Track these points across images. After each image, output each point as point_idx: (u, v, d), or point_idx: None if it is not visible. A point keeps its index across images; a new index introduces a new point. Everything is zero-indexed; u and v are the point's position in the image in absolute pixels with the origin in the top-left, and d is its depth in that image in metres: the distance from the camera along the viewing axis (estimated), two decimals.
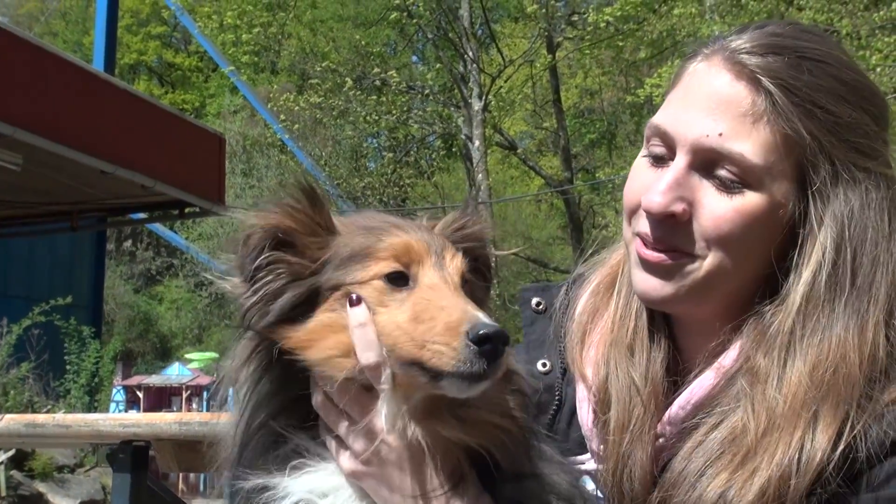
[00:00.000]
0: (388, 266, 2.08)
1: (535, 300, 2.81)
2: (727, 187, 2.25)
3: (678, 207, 2.26)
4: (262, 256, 2.11)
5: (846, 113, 2.26)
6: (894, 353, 2.21)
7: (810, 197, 2.26)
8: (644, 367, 2.42)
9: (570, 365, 2.60)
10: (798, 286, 2.25)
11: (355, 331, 2.06)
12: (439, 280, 2.07)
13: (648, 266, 2.34)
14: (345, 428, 2.13)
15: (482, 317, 1.96)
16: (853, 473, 2.11)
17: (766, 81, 2.24)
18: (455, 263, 2.14)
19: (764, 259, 2.29)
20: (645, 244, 2.35)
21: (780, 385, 2.19)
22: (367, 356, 2.04)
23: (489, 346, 1.91)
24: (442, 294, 2.04)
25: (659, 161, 2.37)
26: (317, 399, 2.16)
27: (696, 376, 2.36)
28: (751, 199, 2.24)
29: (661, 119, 2.37)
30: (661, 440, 2.38)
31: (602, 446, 2.45)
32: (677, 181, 2.27)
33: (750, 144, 2.23)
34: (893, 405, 2.14)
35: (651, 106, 27.50)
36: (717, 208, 2.25)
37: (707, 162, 2.27)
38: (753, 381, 2.23)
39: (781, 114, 2.22)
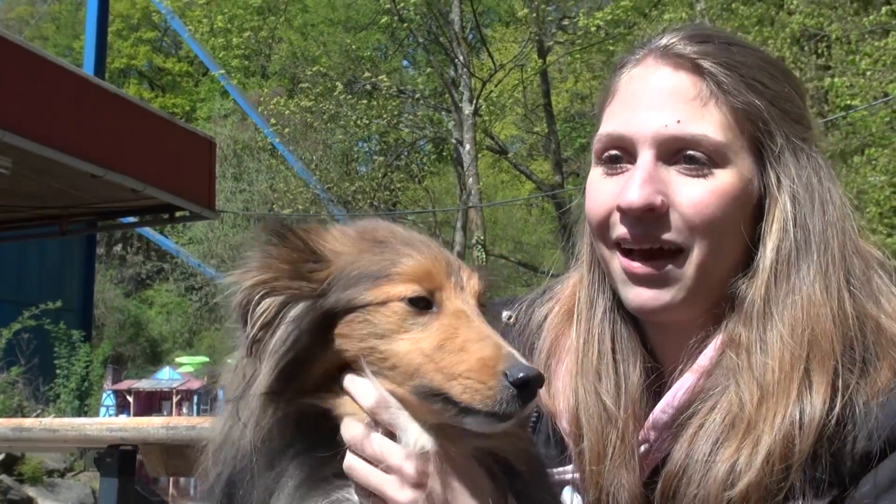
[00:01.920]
0: (410, 289, 2.00)
1: (504, 314, 2.76)
2: (697, 171, 2.28)
3: (657, 199, 2.27)
4: (255, 312, 2.01)
5: (779, 87, 2.35)
6: (863, 311, 2.26)
7: (769, 167, 2.32)
8: (614, 391, 2.40)
9: (538, 401, 2.51)
10: (766, 253, 2.29)
11: (347, 384, 2.03)
12: (463, 306, 2.02)
13: (638, 279, 2.34)
14: (387, 480, 2.02)
15: (517, 355, 1.91)
16: (850, 444, 2.14)
17: (706, 64, 2.31)
18: (472, 284, 2.09)
19: (742, 238, 2.32)
20: (629, 255, 2.35)
21: (766, 351, 2.22)
22: (366, 399, 2.00)
23: (528, 390, 1.88)
24: (469, 323, 1.98)
25: (616, 167, 2.38)
26: (348, 462, 2.04)
27: (676, 379, 2.36)
28: (722, 179, 2.28)
29: (611, 128, 2.39)
30: (644, 446, 2.37)
31: (579, 476, 2.44)
32: (650, 175, 2.29)
33: (708, 124, 2.27)
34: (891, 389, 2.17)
35: None
36: (693, 194, 2.28)
37: (672, 151, 2.30)
38: (739, 354, 2.25)
39: (729, 91, 2.29)
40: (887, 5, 19.47)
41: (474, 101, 31.84)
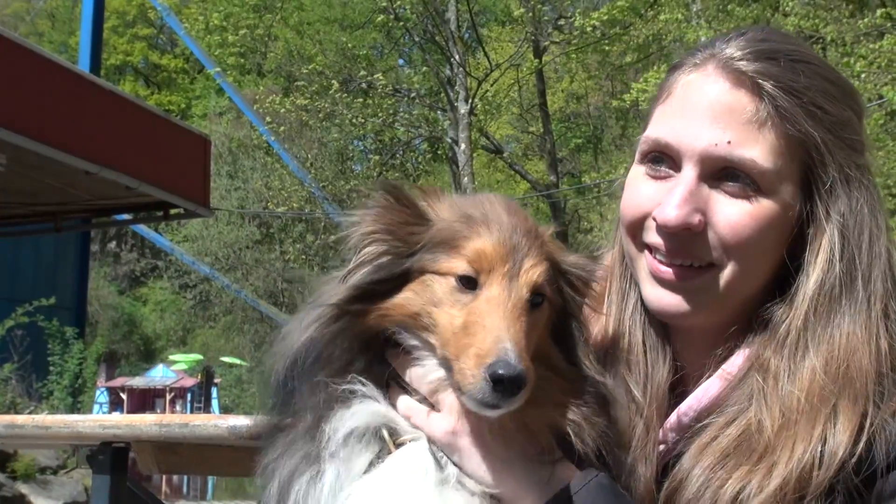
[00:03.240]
0: (462, 267, 2.09)
1: None
2: (740, 194, 2.26)
3: (694, 219, 2.26)
4: (364, 244, 2.18)
5: (839, 112, 2.31)
6: (894, 343, 2.23)
7: (817, 196, 2.29)
8: (643, 382, 2.41)
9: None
10: (809, 284, 2.27)
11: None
12: (500, 294, 2.06)
13: (665, 283, 2.34)
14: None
15: (509, 352, 1.95)
16: (871, 471, 2.12)
17: (767, 86, 2.26)
18: (530, 276, 2.10)
19: (775, 262, 2.31)
20: (659, 260, 2.35)
21: (794, 380, 2.20)
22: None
23: (501, 387, 1.93)
24: (493, 311, 2.03)
25: (659, 170, 2.37)
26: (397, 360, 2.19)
27: (701, 383, 2.36)
28: (764, 204, 2.26)
29: (660, 132, 2.37)
30: (662, 447, 2.37)
31: None
32: (690, 192, 2.27)
33: (759, 150, 2.24)
34: None
35: (637, 111, 27.53)
36: (732, 215, 2.26)
37: (717, 171, 2.28)
38: (766, 378, 2.23)
39: (785, 117, 2.25)
40: (882, 8, 19.50)
41: (470, 101, 31.82)
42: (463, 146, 31.67)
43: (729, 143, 2.24)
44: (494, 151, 40.95)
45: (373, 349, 2.17)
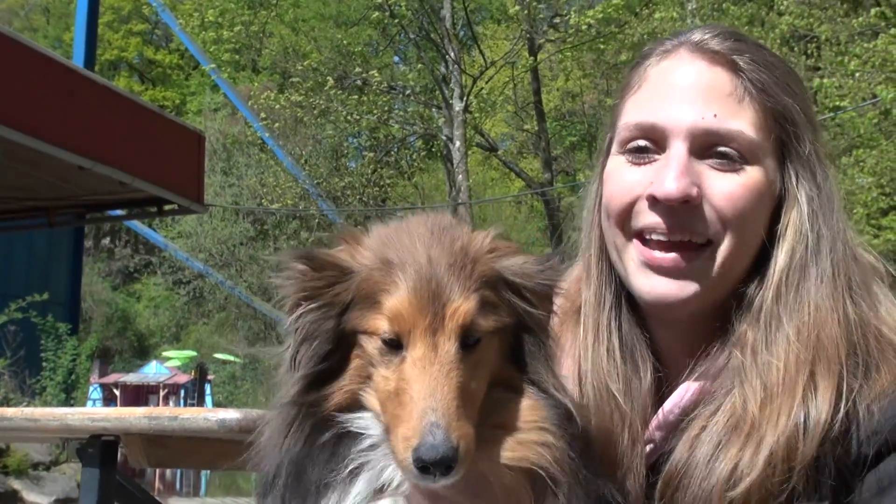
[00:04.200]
0: (384, 327, 2.00)
1: None
2: (730, 166, 2.30)
3: (693, 191, 2.28)
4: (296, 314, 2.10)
5: (802, 93, 2.39)
6: (864, 318, 2.27)
7: (790, 169, 2.34)
8: (625, 390, 2.40)
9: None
10: (780, 256, 2.31)
11: None
12: (424, 354, 1.96)
13: (661, 270, 2.34)
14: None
15: (435, 431, 1.87)
16: (860, 454, 2.15)
17: (741, 62, 2.33)
18: (456, 322, 1.99)
19: (761, 237, 2.34)
20: (655, 245, 2.34)
21: (771, 351, 2.23)
22: None
23: (429, 471, 1.87)
24: (419, 376, 1.94)
25: (642, 157, 2.38)
26: None
27: (685, 380, 2.36)
28: (753, 174, 2.30)
29: (643, 115, 2.38)
30: (649, 446, 2.38)
31: None
32: (686, 167, 2.29)
33: (743, 121, 2.29)
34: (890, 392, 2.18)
35: None
36: (726, 187, 2.29)
37: (705, 146, 2.31)
38: (744, 353, 2.26)
39: (763, 90, 2.31)
40: (876, 7, 19.52)
41: (465, 98, 31.83)
42: (458, 144, 31.68)
43: (715, 116, 2.29)
44: (489, 149, 40.96)
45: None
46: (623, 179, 2.40)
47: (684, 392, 2.34)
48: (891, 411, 2.14)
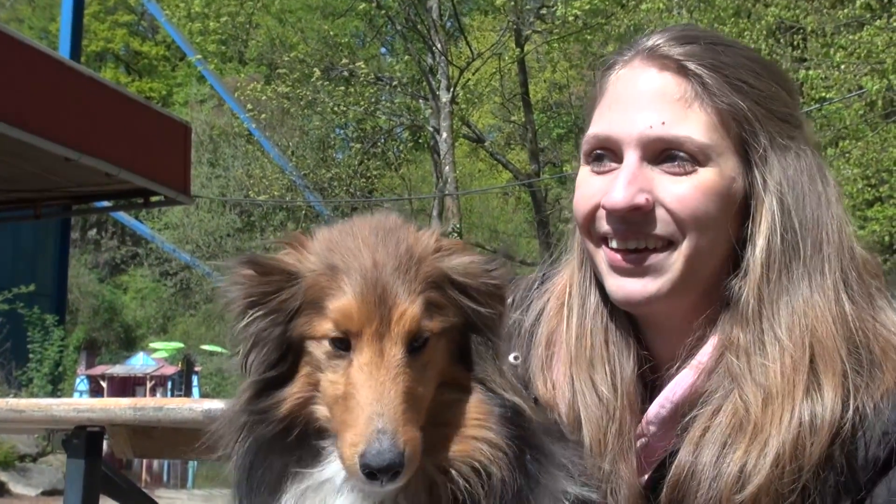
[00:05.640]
0: (332, 330, 2.00)
1: (510, 356, 2.67)
2: (681, 169, 2.31)
3: (640, 199, 2.30)
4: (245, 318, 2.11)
5: (766, 86, 2.38)
6: (862, 316, 2.28)
7: (754, 166, 2.34)
8: (611, 379, 2.41)
9: (536, 393, 2.54)
10: (756, 253, 2.31)
11: None
12: (371, 358, 1.97)
13: (623, 270, 2.37)
14: None
15: (381, 437, 1.88)
16: (873, 458, 2.16)
17: (691, 66, 2.34)
18: (402, 326, 1.99)
19: (727, 236, 2.35)
20: (615, 250, 2.37)
21: (765, 353, 2.24)
22: None
23: (375, 480, 1.88)
24: (366, 381, 1.95)
25: (602, 165, 2.42)
26: None
27: (674, 374, 2.38)
28: (706, 176, 2.31)
29: (599, 129, 2.43)
30: (642, 440, 2.39)
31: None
32: (634, 175, 2.32)
33: (692, 126, 2.31)
34: None
35: None
36: (677, 190, 2.31)
37: (656, 152, 2.33)
38: (739, 357, 2.27)
39: (712, 92, 2.32)
40: None
41: (452, 90, 31.80)
42: (444, 135, 31.66)
43: (663, 123, 2.31)
44: (476, 140, 40.93)
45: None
46: (586, 188, 2.45)
47: (675, 387, 2.36)
48: None
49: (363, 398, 1.93)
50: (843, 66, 18.42)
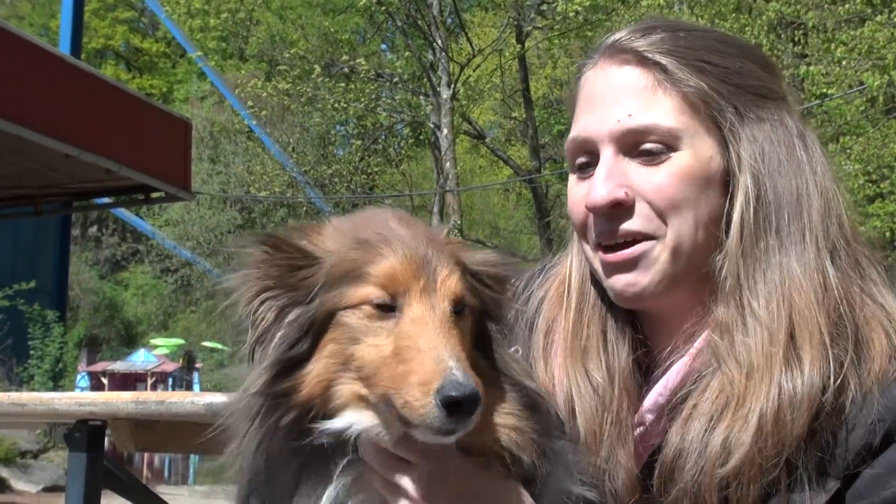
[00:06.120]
0: (376, 292, 1.98)
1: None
2: (655, 159, 2.33)
3: (620, 193, 2.31)
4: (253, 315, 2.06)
5: (731, 63, 2.39)
6: (849, 287, 2.28)
7: (728, 143, 2.35)
8: (605, 370, 2.42)
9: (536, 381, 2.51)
10: (732, 229, 2.31)
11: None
12: (424, 312, 1.97)
13: (615, 267, 2.37)
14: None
15: (457, 370, 1.86)
16: (855, 429, 2.15)
17: (651, 55, 2.37)
18: (448, 287, 2.01)
19: (711, 217, 2.35)
20: (606, 250, 2.38)
21: (745, 329, 2.24)
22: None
23: (456, 411, 1.84)
24: (423, 331, 1.94)
25: (586, 171, 2.43)
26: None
27: (671, 362, 2.38)
28: (679, 161, 2.32)
29: (575, 132, 2.46)
30: (640, 429, 2.39)
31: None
32: (610, 171, 2.34)
33: (658, 112, 2.33)
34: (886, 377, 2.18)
35: None
36: (654, 179, 2.32)
37: (629, 144, 2.35)
38: (722, 335, 2.27)
39: (675, 77, 2.34)
40: None
41: (452, 86, 31.81)
42: (445, 131, 31.67)
43: (630, 115, 2.33)
44: (477, 137, 40.93)
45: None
46: (574, 195, 2.48)
47: (672, 374, 2.36)
48: (891, 400, 2.15)
49: (424, 344, 1.92)
50: (844, 62, 18.43)
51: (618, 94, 2.37)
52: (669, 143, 2.32)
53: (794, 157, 2.36)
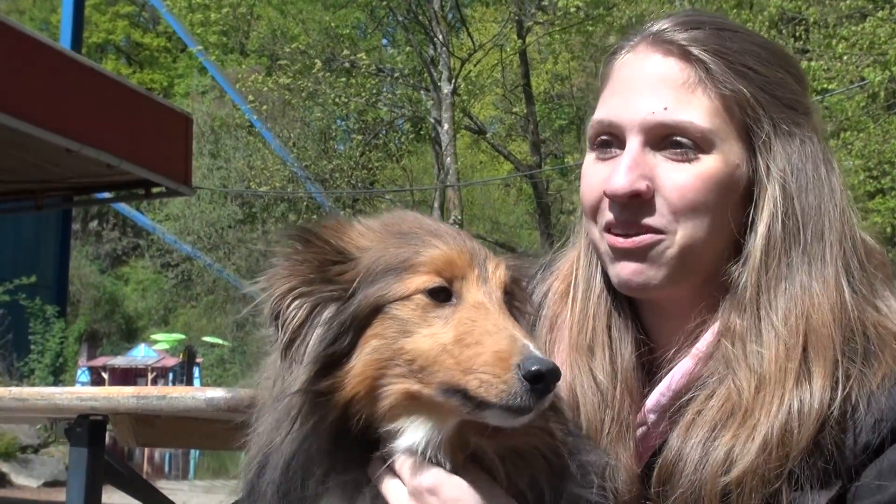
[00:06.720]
0: (430, 280, 1.95)
1: None
2: (683, 156, 2.30)
3: (641, 185, 2.29)
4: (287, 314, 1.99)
5: (772, 73, 2.36)
6: (863, 306, 2.27)
7: (757, 153, 2.33)
8: (609, 367, 2.42)
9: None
10: (756, 240, 2.30)
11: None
12: (484, 297, 1.97)
13: (624, 254, 2.35)
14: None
15: (532, 347, 1.86)
16: (865, 443, 2.15)
17: (695, 51, 2.33)
18: (498, 275, 2.03)
19: (727, 223, 2.33)
20: (616, 235, 2.36)
21: (760, 340, 2.23)
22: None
23: (541, 384, 1.83)
24: (488, 315, 1.93)
25: (607, 152, 2.41)
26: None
27: (675, 362, 2.37)
28: (707, 164, 2.29)
29: (603, 114, 2.42)
30: (642, 429, 2.39)
31: None
32: (635, 161, 2.31)
33: (694, 111, 2.29)
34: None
35: None
36: (678, 179, 2.29)
37: (659, 138, 2.32)
38: (734, 343, 2.26)
39: (717, 78, 2.31)
40: None
41: (453, 81, 31.77)
42: (446, 126, 31.63)
43: (665, 108, 2.30)
44: (477, 132, 40.91)
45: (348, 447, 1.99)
46: (590, 176, 2.45)
47: (674, 375, 2.36)
48: (894, 399, 2.15)
49: (493, 326, 1.90)
50: (845, 58, 18.45)
51: (654, 85, 2.34)
52: (700, 144, 2.29)
53: (819, 175, 2.34)
